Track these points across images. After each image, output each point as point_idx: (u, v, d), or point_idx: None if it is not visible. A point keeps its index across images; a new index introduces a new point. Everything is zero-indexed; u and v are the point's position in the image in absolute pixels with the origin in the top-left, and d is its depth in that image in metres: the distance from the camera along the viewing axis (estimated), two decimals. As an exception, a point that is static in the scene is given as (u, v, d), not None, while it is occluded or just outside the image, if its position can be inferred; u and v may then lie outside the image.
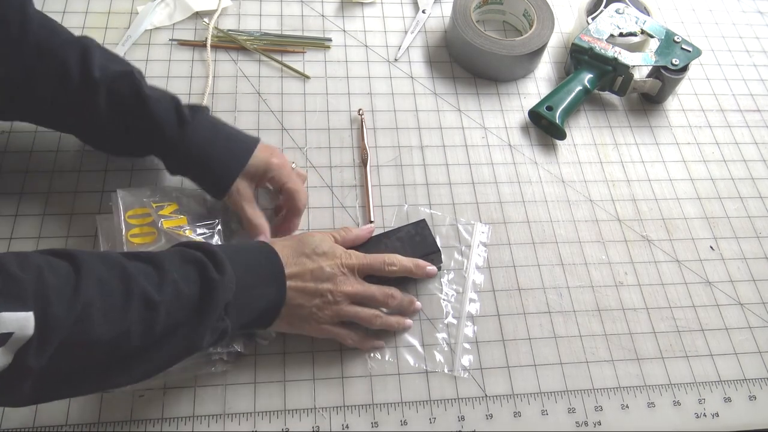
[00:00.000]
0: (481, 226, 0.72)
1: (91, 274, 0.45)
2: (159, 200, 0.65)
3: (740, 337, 0.68)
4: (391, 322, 0.63)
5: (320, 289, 0.58)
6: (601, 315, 0.68)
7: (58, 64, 0.60)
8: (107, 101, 0.61)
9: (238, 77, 0.81)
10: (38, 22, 0.61)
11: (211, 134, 0.63)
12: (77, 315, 0.43)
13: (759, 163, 0.82)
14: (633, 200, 0.77)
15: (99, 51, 0.62)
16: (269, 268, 0.56)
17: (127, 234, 0.62)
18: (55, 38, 0.61)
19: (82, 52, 0.61)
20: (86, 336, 0.44)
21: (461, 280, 0.68)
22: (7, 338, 0.40)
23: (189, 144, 0.62)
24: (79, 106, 0.61)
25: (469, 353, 0.64)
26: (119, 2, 0.85)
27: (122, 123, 0.62)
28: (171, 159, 0.64)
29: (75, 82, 0.60)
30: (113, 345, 0.46)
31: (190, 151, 0.62)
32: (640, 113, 0.85)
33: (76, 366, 0.46)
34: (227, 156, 0.63)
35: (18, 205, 0.68)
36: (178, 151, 0.62)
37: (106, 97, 0.60)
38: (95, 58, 0.61)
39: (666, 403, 0.64)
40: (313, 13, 0.88)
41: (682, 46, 0.82)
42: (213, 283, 0.50)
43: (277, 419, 0.59)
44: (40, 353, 0.42)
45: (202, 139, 0.62)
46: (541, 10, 0.86)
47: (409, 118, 0.80)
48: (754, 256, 0.74)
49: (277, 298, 0.56)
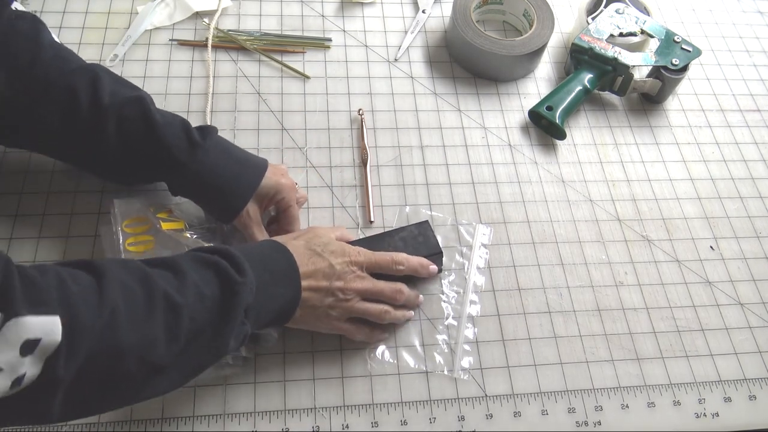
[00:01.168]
0: (483, 227, 0.72)
1: (113, 280, 0.44)
2: (156, 206, 0.65)
3: (740, 337, 0.68)
4: (398, 317, 0.63)
5: (332, 287, 0.58)
6: (601, 315, 0.68)
7: (67, 92, 0.59)
8: (116, 127, 0.59)
9: (238, 77, 0.81)
10: (53, 53, 0.60)
11: (223, 157, 0.62)
12: (104, 321, 0.42)
13: (759, 163, 0.82)
14: (633, 200, 0.77)
15: (109, 77, 0.61)
16: (285, 269, 0.56)
17: (125, 243, 0.62)
18: (66, 67, 0.60)
19: (92, 79, 0.60)
20: (114, 343, 0.43)
21: (462, 282, 0.68)
22: (35, 345, 0.39)
23: (200, 168, 0.61)
24: (88, 134, 0.60)
25: (469, 355, 0.64)
26: (119, 2, 0.85)
27: (131, 149, 0.61)
28: (179, 183, 0.63)
29: (84, 109, 0.59)
30: (140, 353, 0.44)
31: (201, 176, 0.61)
32: (640, 113, 0.85)
33: (104, 378, 0.44)
34: (239, 179, 0.62)
35: (18, 205, 0.68)
36: (188, 175, 0.61)
37: (116, 123, 0.59)
38: (105, 85, 0.60)
39: (666, 403, 0.63)
40: (313, 13, 0.88)
41: (682, 46, 0.82)
42: (235, 286, 0.49)
43: (277, 419, 0.59)
44: (69, 363, 0.40)
45: (213, 163, 0.61)
46: (541, 10, 0.86)
47: (409, 118, 0.80)
48: (754, 256, 0.74)
49: (293, 299, 0.56)
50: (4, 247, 0.65)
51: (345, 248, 0.60)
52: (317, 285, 0.57)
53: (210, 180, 0.62)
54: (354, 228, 0.71)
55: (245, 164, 0.64)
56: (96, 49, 0.80)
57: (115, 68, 0.79)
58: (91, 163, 0.64)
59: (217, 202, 0.63)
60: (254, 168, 0.64)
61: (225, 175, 0.62)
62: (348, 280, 0.59)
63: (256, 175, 0.63)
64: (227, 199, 0.62)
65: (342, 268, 0.59)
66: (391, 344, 0.64)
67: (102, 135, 0.59)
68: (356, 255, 0.60)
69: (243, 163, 0.64)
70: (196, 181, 0.62)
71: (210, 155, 0.61)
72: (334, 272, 0.58)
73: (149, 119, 0.60)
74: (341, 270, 0.59)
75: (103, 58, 0.80)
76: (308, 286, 0.57)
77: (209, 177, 0.61)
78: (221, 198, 0.63)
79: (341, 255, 0.59)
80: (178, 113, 0.63)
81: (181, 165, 0.60)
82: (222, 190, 0.62)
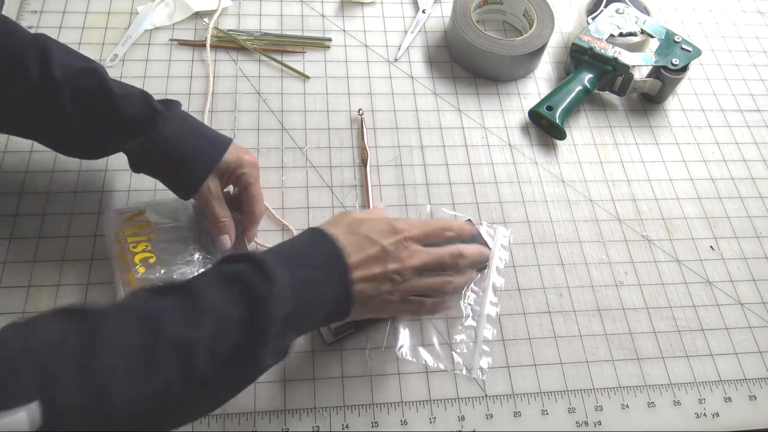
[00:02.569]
0: (503, 229, 0.72)
1: (106, 334, 0.41)
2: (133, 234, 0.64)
3: (740, 337, 0.68)
4: (461, 284, 0.59)
5: (388, 271, 0.53)
6: (601, 315, 0.68)
7: (15, 66, 0.56)
8: (72, 100, 0.57)
9: (238, 77, 0.81)
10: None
11: (185, 129, 0.61)
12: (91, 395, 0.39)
13: (759, 163, 0.82)
14: (633, 200, 0.77)
15: (58, 48, 0.59)
16: (329, 262, 0.51)
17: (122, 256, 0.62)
18: (10, 39, 0.58)
19: (39, 51, 0.57)
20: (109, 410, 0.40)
21: (481, 282, 0.68)
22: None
23: (161, 138, 0.59)
24: (42, 109, 0.58)
25: (488, 355, 0.64)
26: (119, 2, 0.85)
27: (89, 122, 0.59)
28: (140, 156, 0.60)
29: (35, 83, 0.56)
30: (150, 405, 0.41)
31: (163, 146, 0.59)
32: (640, 113, 0.85)
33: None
34: (201, 150, 0.61)
35: (18, 204, 0.68)
36: (149, 146, 0.59)
37: (70, 96, 0.57)
38: (55, 56, 0.57)
39: (666, 403, 0.63)
40: (313, 13, 0.88)
41: (682, 46, 0.82)
42: (262, 302, 0.45)
43: (277, 419, 0.59)
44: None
45: (174, 134, 0.59)
46: (541, 10, 0.86)
47: (409, 118, 0.80)
48: (754, 256, 0.74)
49: (345, 294, 0.51)
50: (4, 247, 0.65)
51: (393, 224, 0.55)
52: (371, 273, 0.52)
53: (171, 150, 0.59)
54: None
55: (208, 137, 0.62)
56: (96, 49, 0.80)
57: (115, 68, 0.79)
58: (48, 138, 0.62)
59: (177, 175, 0.61)
60: (217, 141, 0.62)
61: (186, 147, 0.60)
62: (404, 259, 0.53)
63: (219, 148, 0.62)
64: (188, 172, 0.60)
65: (395, 247, 0.53)
66: (412, 343, 0.64)
67: (57, 108, 0.57)
68: (407, 229, 0.55)
69: (206, 136, 0.62)
70: (157, 151, 0.59)
71: (171, 125, 0.59)
72: (388, 254, 0.53)
73: (106, 90, 0.58)
74: (395, 250, 0.53)
75: (103, 57, 0.80)
76: (360, 277, 0.52)
77: (170, 147, 0.59)
78: (182, 170, 0.60)
79: (392, 233, 0.54)
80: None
81: (142, 134, 0.58)
82: (182, 162, 0.60)
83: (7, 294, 0.62)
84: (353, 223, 0.55)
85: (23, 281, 0.63)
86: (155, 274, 0.62)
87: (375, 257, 0.52)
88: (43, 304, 0.62)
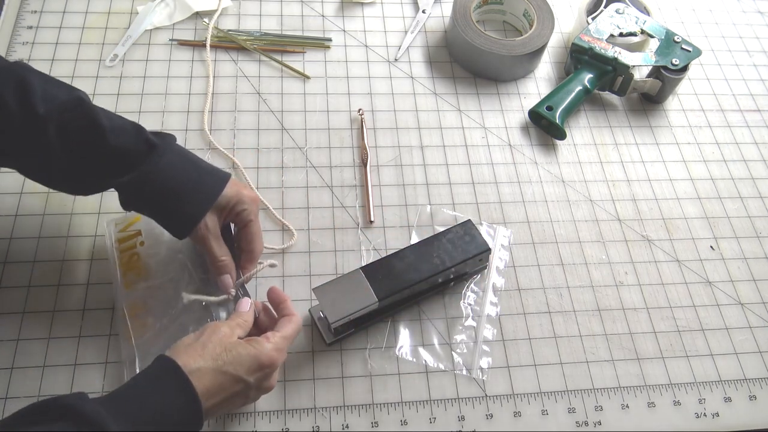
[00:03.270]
0: (503, 229, 0.72)
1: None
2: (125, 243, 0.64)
3: (740, 337, 0.68)
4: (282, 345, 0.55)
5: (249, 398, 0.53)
6: (601, 315, 0.68)
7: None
8: (58, 136, 0.53)
9: (238, 77, 0.81)
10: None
11: (181, 161, 0.57)
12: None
13: (759, 163, 0.82)
14: (633, 200, 0.77)
15: (38, 79, 0.53)
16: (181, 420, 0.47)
17: None
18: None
19: (17, 83, 0.52)
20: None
21: (481, 282, 0.68)
22: None
23: (157, 171, 0.55)
24: (24, 145, 0.53)
25: (488, 355, 0.64)
26: (119, 2, 0.85)
27: (78, 157, 0.54)
28: (132, 191, 0.56)
29: (16, 120, 0.52)
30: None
31: (159, 180, 0.55)
32: (640, 113, 0.85)
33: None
34: (199, 184, 0.57)
35: (18, 204, 0.68)
36: (142, 180, 0.55)
37: (56, 132, 0.53)
38: (35, 89, 0.52)
39: (666, 403, 0.63)
40: (313, 13, 0.88)
41: (682, 46, 0.82)
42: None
43: (277, 419, 0.59)
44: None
45: (170, 166, 0.55)
46: (541, 10, 0.86)
47: (409, 118, 0.80)
48: (754, 256, 0.74)
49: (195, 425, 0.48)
50: (4, 247, 0.65)
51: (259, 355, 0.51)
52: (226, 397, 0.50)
53: (168, 184, 0.55)
54: (354, 228, 0.71)
55: (207, 171, 0.58)
56: (96, 49, 0.80)
57: (115, 68, 0.79)
58: (35, 174, 0.57)
59: (174, 211, 0.56)
60: (215, 175, 0.58)
61: (183, 180, 0.56)
62: (265, 387, 0.54)
63: (219, 181, 0.58)
64: (185, 207, 0.56)
65: (259, 380, 0.52)
66: (412, 343, 0.64)
67: (43, 147, 0.53)
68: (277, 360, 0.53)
69: (204, 169, 0.58)
70: (152, 185, 0.55)
71: (167, 157, 0.55)
72: (250, 387, 0.51)
73: (95, 124, 0.54)
74: (258, 381, 0.52)
75: (103, 58, 0.80)
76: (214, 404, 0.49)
77: (167, 181, 0.55)
78: (178, 205, 0.56)
79: (258, 369, 0.51)
80: (178, 113, 0.63)
81: (135, 169, 0.54)
82: (179, 196, 0.56)
83: (8, 294, 0.63)
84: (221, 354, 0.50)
85: (23, 281, 0.63)
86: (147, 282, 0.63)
87: (237, 392, 0.51)
88: (43, 303, 0.62)
